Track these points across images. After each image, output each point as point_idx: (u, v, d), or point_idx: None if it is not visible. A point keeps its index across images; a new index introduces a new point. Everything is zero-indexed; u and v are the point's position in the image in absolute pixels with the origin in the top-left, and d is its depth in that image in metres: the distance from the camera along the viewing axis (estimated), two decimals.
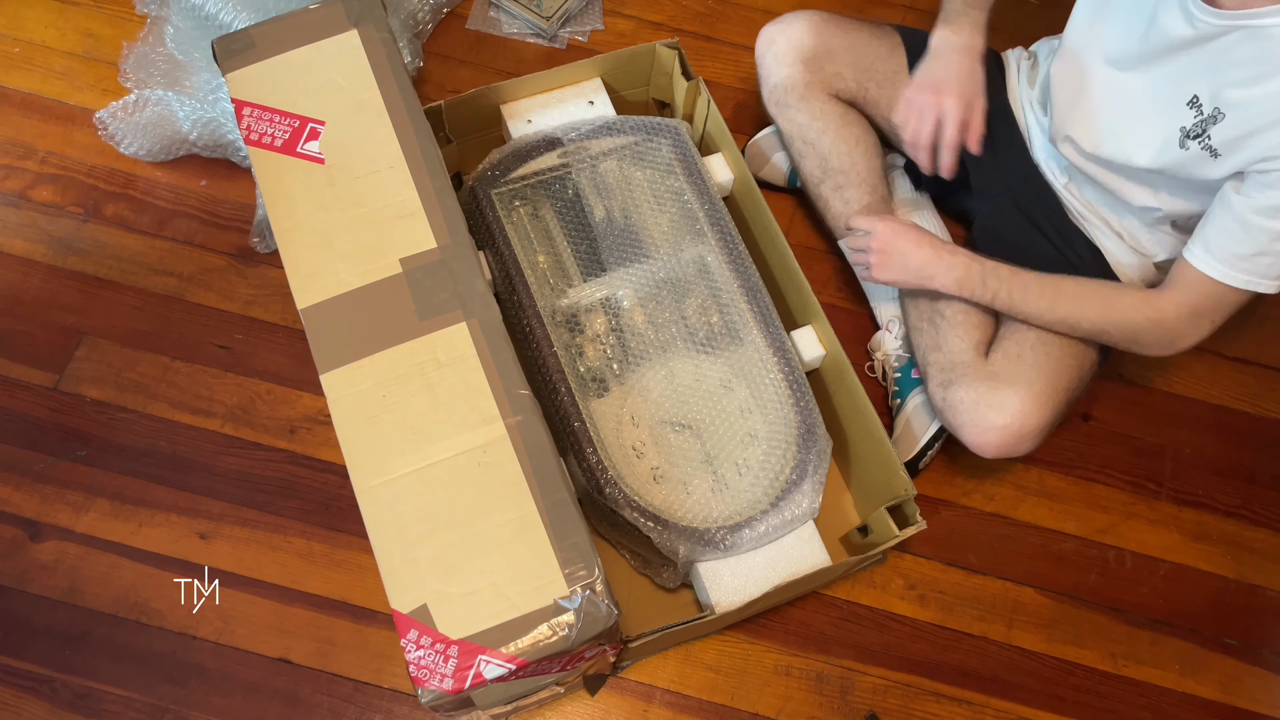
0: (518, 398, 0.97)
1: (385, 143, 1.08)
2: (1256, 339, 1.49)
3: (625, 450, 1.19)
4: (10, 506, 1.26)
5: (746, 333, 1.25)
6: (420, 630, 0.88)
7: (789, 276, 1.30)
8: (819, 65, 1.33)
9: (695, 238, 1.30)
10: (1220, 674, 1.29)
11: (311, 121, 1.09)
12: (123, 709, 1.18)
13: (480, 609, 0.89)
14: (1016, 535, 1.34)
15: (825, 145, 1.34)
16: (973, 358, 1.22)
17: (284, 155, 1.08)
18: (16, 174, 1.45)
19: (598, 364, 1.24)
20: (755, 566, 1.16)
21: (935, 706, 1.25)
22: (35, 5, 1.57)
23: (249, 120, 1.10)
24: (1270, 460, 1.41)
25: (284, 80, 1.12)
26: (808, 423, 1.20)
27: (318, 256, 1.03)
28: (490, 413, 0.96)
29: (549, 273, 1.29)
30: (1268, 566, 1.35)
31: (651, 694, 1.22)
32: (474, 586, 0.90)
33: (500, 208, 1.29)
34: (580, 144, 1.32)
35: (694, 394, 1.23)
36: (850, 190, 1.35)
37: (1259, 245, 1.02)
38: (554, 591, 0.89)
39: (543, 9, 1.60)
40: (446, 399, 0.97)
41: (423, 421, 0.96)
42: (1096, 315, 1.14)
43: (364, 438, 0.96)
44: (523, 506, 0.92)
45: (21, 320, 1.36)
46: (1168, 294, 1.10)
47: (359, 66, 1.12)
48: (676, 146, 1.34)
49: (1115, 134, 1.14)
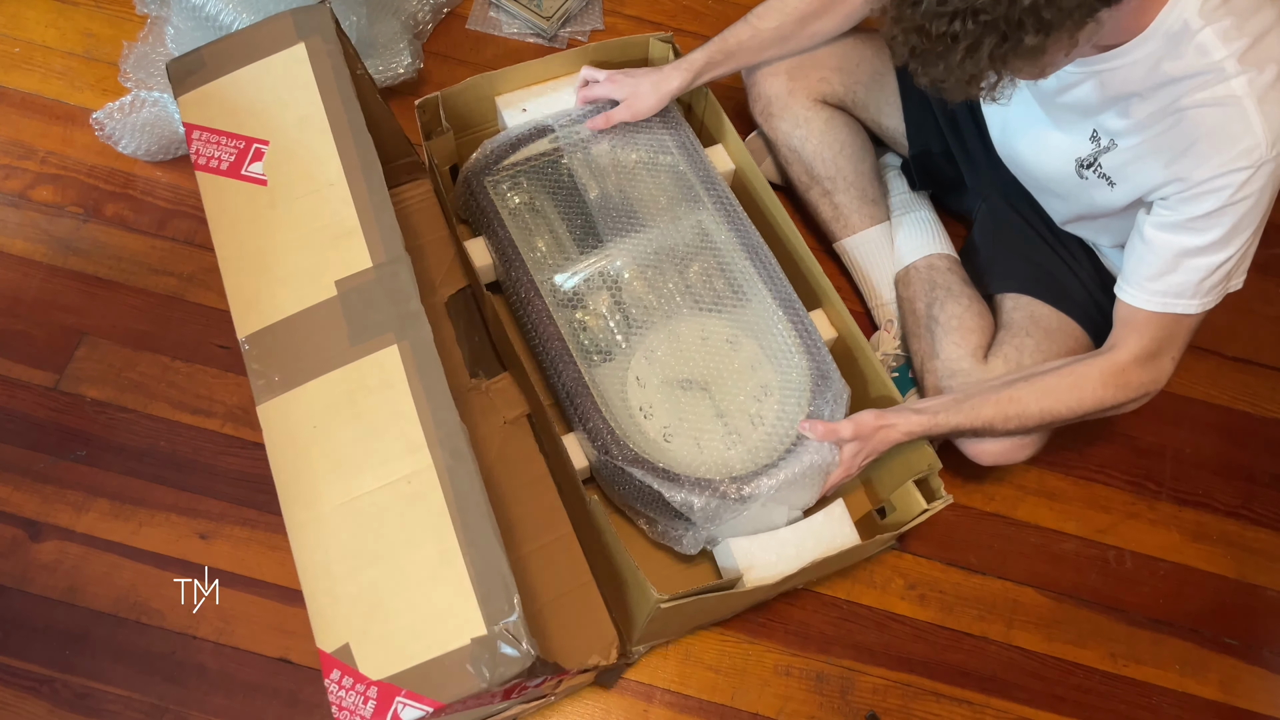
0: (445, 422, 0.93)
1: (327, 160, 1.05)
2: (1256, 339, 1.49)
3: (633, 412, 1.18)
4: (10, 506, 1.26)
5: (752, 290, 1.24)
6: (342, 670, 0.86)
7: (798, 260, 1.29)
8: (803, 72, 1.33)
9: (692, 205, 1.30)
10: (1220, 674, 1.29)
11: (256, 142, 1.07)
12: (123, 709, 1.18)
13: (399, 649, 0.86)
14: (1016, 535, 1.34)
15: (809, 152, 1.35)
16: (971, 365, 1.22)
17: (229, 179, 1.06)
18: (16, 174, 1.45)
19: (601, 336, 1.24)
20: (786, 543, 1.15)
21: (935, 706, 1.25)
22: (35, 5, 1.57)
23: (198, 144, 1.07)
24: (1270, 460, 1.41)
25: (232, 100, 1.09)
26: (821, 370, 1.19)
27: (257, 283, 1.01)
28: (417, 440, 0.92)
29: (547, 253, 1.28)
30: (1268, 566, 1.35)
31: (652, 694, 1.22)
32: (395, 625, 0.87)
33: (495, 195, 1.29)
34: (572, 129, 1.32)
35: (700, 352, 1.22)
36: (839, 195, 1.36)
37: (1164, 263, 1.02)
38: (470, 630, 0.85)
39: (543, 9, 1.60)
40: (375, 427, 0.94)
41: (351, 452, 0.93)
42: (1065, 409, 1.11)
43: (295, 469, 0.93)
44: (444, 539, 0.89)
45: (21, 320, 1.36)
46: (1118, 350, 1.09)
47: (304, 81, 1.09)
48: (668, 126, 1.33)
49: (1033, 163, 1.17)
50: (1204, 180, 0.96)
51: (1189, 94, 0.94)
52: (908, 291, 1.32)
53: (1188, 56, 0.92)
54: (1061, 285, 1.24)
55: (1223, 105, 0.93)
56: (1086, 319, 1.22)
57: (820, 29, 1.29)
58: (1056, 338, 1.21)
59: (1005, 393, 1.13)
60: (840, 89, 1.34)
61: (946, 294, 1.27)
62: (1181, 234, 1.01)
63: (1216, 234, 0.99)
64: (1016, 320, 1.24)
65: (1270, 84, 0.92)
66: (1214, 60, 0.92)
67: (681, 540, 1.17)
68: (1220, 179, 0.95)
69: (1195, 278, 1.02)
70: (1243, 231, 0.99)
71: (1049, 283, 1.25)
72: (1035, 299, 1.24)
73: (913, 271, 1.32)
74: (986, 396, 1.13)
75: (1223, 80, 0.92)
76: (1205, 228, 0.99)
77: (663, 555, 1.24)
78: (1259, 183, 0.95)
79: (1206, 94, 0.93)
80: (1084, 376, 1.10)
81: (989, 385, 1.16)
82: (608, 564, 1.15)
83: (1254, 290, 1.53)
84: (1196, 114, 0.94)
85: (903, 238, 1.36)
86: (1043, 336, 1.21)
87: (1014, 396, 1.12)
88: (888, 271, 1.38)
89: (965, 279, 1.31)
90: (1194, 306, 1.04)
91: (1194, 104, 0.94)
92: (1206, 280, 1.02)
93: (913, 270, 1.32)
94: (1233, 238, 0.99)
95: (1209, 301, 1.04)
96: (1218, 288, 1.03)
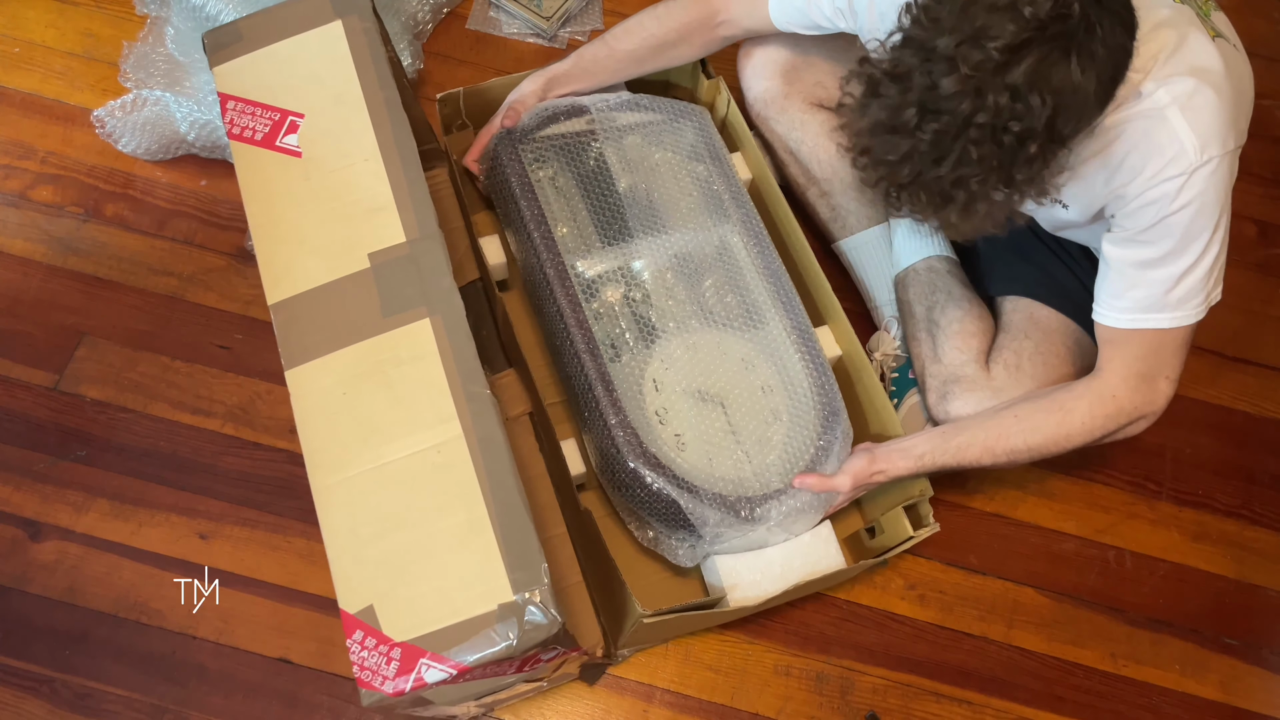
0: (476, 396, 0.95)
1: (361, 135, 1.07)
2: (1256, 339, 1.49)
3: (648, 415, 1.18)
4: (10, 506, 1.26)
5: (767, 316, 1.24)
6: (365, 631, 0.88)
7: (808, 275, 1.30)
8: (797, 76, 1.33)
9: (718, 218, 1.29)
10: (1220, 674, 1.29)
11: (291, 115, 1.09)
12: (123, 709, 1.18)
13: (425, 612, 0.88)
14: (1016, 535, 1.34)
15: (805, 154, 1.35)
16: (974, 370, 1.22)
17: (263, 149, 1.08)
18: (16, 174, 1.45)
19: (615, 331, 1.23)
20: (772, 563, 1.16)
21: (935, 706, 1.25)
22: (35, 5, 1.57)
23: (232, 114, 1.09)
24: (1270, 460, 1.41)
25: (268, 73, 1.11)
26: (831, 406, 1.19)
27: (290, 252, 1.03)
28: (447, 412, 0.95)
29: (568, 237, 1.28)
30: (1268, 566, 1.35)
31: (651, 694, 1.22)
32: (420, 589, 0.89)
33: (525, 165, 1.27)
34: (607, 114, 1.31)
35: (718, 367, 1.22)
36: (837, 196, 1.36)
37: (1124, 278, 1.03)
38: (498, 597, 0.87)
39: (543, 9, 1.60)
40: (405, 397, 0.96)
41: (381, 420, 0.95)
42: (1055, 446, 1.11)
43: (323, 435, 0.95)
44: (474, 508, 0.91)
45: (21, 320, 1.36)
46: (1104, 375, 1.09)
47: (340, 58, 1.11)
48: (701, 131, 1.33)
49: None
50: (1140, 194, 0.98)
51: (1114, 113, 0.96)
52: (907, 294, 1.32)
53: None
54: (1061, 286, 1.24)
55: (1147, 117, 0.95)
56: (1086, 320, 1.22)
57: (677, 55, 1.31)
58: (1056, 339, 1.21)
59: (994, 430, 1.13)
60: (835, 93, 1.34)
61: (946, 297, 1.27)
62: (1133, 248, 1.02)
63: (1168, 244, 0.99)
64: (1016, 322, 1.24)
65: (1190, 93, 0.94)
66: (1132, 84, 0.94)
67: (678, 552, 1.17)
68: (1154, 190, 0.97)
69: (1159, 290, 1.02)
70: (1197, 238, 0.99)
71: (1049, 284, 1.25)
72: (1035, 300, 1.24)
73: (911, 274, 1.32)
74: (974, 435, 1.13)
75: (1144, 97, 0.95)
76: (1153, 239, 1.00)
77: (651, 563, 1.24)
78: (1196, 188, 0.96)
79: (1131, 110, 0.96)
80: (1072, 410, 1.09)
81: (977, 421, 1.15)
82: (598, 568, 1.15)
83: (1254, 290, 1.53)
84: (1123, 129, 0.97)
85: (901, 239, 1.36)
86: (1042, 338, 1.21)
87: (1002, 433, 1.12)
88: (886, 273, 1.38)
89: (964, 281, 1.30)
90: (1167, 321, 1.03)
91: (1119, 121, 0.96)
92: (1172, 292, 1.02)
93: (911, 273, 1.32)
94: (1187, 246, 0.99)
95: (1184, 315, 1.03)
96: (1191, 300, 1.02)
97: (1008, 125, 0.82)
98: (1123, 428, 1.10)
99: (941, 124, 0.84)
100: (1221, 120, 0.95)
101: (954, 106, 0.83)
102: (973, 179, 0.86)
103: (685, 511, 1.10)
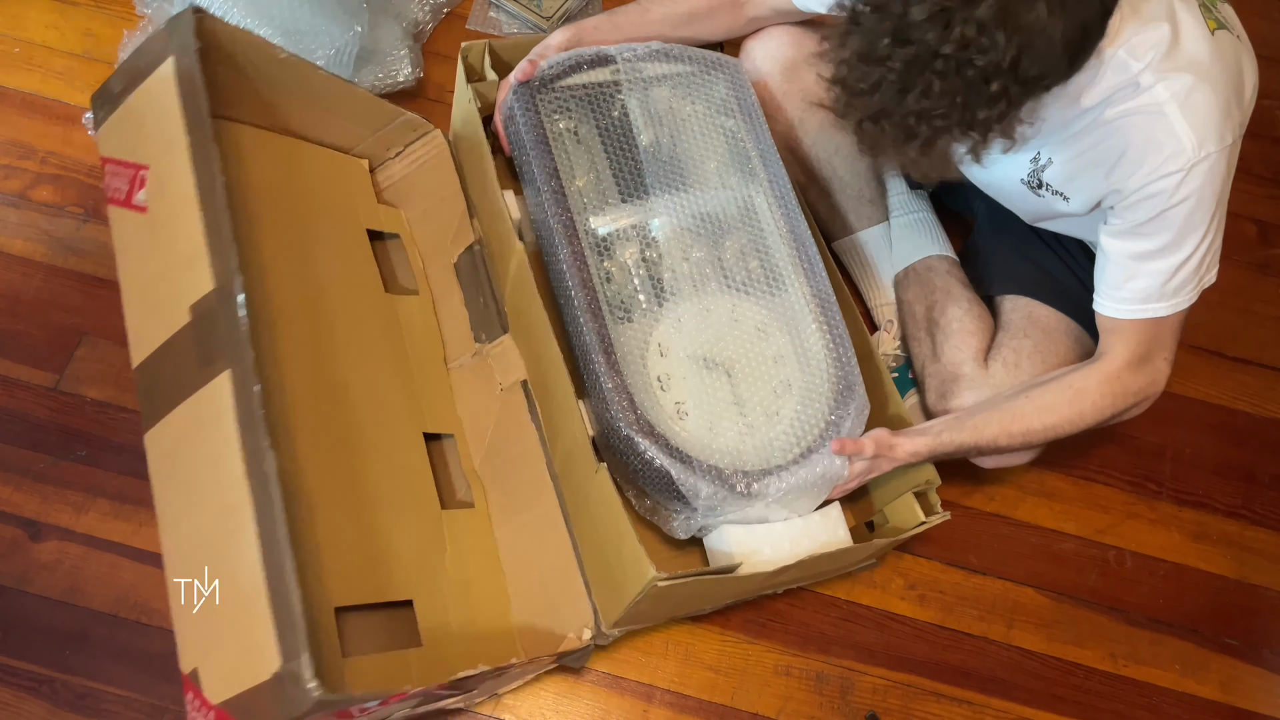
0: (259, 453, 0.91)
1: (182, 179, 1.00)
2: (1257, 339, 1.49)
3: (649, 381, 1.13)
4: (10, 506, 1.26)
5: (788, 281, 1.20)
6: (194, 693, 0.91)
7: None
8: (797, 75, 1.33)
9: (746, 178, 1.25)
10: (1220, 674, 1.29)
11: (141, 169, 1.04)
12: (123, 709, 1.18)
13: (229, 677, 0.89)
14: (1016, 535, 1.34)
15: (805, 152, 1.35)
16: (973, 369, 1.22)
17: (124, 209, 1.04)
18: (16, 174, 1.45)
19: (627, 290, 1.18)
20: (781, 538, 1.13)
21: (935, 706, 1.25)
22: (35, 5, 1.57)
23: (108, 178, 1.05)
24: (1270, 460, 1.41)
25: (127, 128, 1.06)
26: (847, 380, 1.16)
27: (142, 312, 1.01)
28: (237, 474, 0.92)
29: (584, 190, 1.22)
30: (1268, 566, 1.35)
31: (651, 694, 1.22)
32: (228, 654, 0.90)
33: (541, 117, 1.22)
34: (634, 64, 1.26)
35: (729, 333, 1.17)
36: (836, 195, 1.36)
37: (1123, 270, 1.05)
38: (270, 666, 0.86)
39: (543, 9, 1.61)
40: (209, 458, 0.95)
41: (197, 483, 0.96)
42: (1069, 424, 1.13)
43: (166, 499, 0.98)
44: (252, 572, 0.89)
45: (21, 320, 1.36)
46: (1108, 358, 1.11)
47: (169, 96, 1.03)
48: (733, 85, 1.28)
49: (987, 183, 1.19)
50: (1139, 188, 0.99)
51: (1113, 106, 0.97)
52: (906, 294, 1.32)
53: (1106, 78, 0.96)
54: (1060, 285, 1.24)
55: (1146, 113, 0.96)
56: (1085, 318, 1.22)
57: (704, 29, 1.30)
58: (1055, 338, 1.21)
59: (1008, 410, 1.13)
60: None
61: (946, 297, 1.27)
62: (1132, 240, 1.03)
63: (1166, 237, 1.01)
64: (1015, 321, 1.24)
65: (1189, 88, 0.95)
66: (1131, 74, 0.95)
67: (671, 522, 1.14)
68: (1153, 184, 0.98)
69: (1157, 281, 1.04)
70: (1194, 230, 1.00)
71: (1048, 283, 1.25)
72: (1034, 300, 1.24)
73: (911, 274, 1.32)
74: (990, 415, 1.14)
75: (1143, 91, 0.96)
76: (1152, 232, 1.01)
77: (649, 536, 1.19)
78: (1195, 183, 0.97)
79: (1130, 104, 0.97)
80: (1083, 390, 1.11)
81: (990, 404, 1.16)
82: (596, 539, 1.12)
83: (1254, 290, 1.54)
84: (1122, 124, 0.98)
85: (901, 239, 1.36)
86: (1041, 337, 1.21)
87: (1017, 414, 1.13)
88: (886, 272, 1.38)
89: (964, 281, 1.31)
90: (1165, 309, 1.06)
91: (1119, 115, 0.97)
92: (1170, 282, 1.04)
93: (911, 273, 1.32)
94: (1184, 239, 1.01)
95: (1181, 301, 1.06)
96: (1186, 287, 1.05)
97: (971, 59, 0.82)
98: (1129, 408, 1.13)
99: (909, 53, 0.84)
100: (1219, 116, 0.96)
101: (922, 35, 0.83)
102: (935, 114, 0.86)
103: (676, 482, 1.07)
